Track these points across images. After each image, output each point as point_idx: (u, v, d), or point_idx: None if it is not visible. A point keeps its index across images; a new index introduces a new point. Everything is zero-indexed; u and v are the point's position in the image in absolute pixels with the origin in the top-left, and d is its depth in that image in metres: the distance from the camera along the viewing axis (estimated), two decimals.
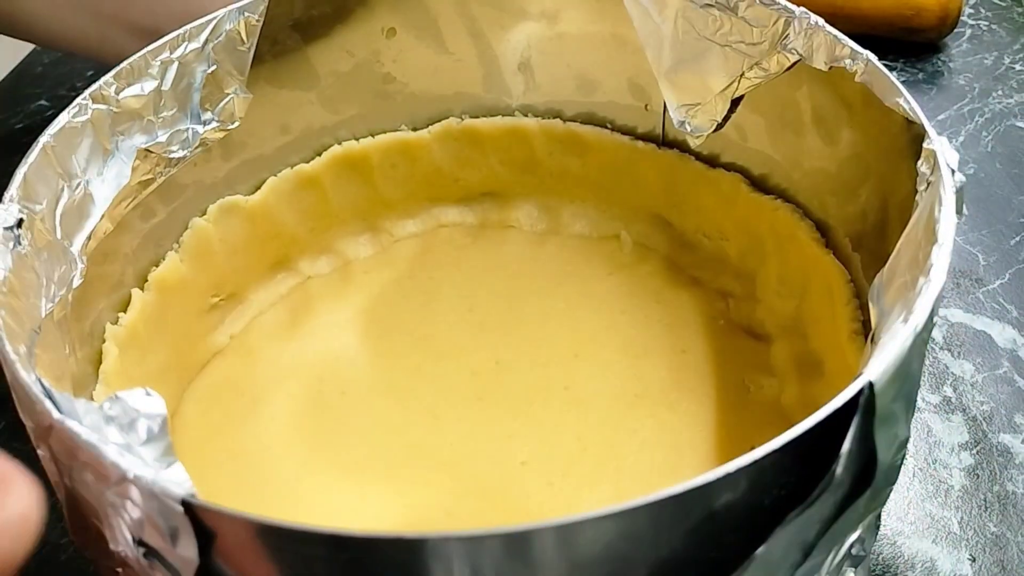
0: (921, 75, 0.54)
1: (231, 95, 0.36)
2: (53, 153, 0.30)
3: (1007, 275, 0.42)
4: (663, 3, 0.36)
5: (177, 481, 0.21)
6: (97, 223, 0.31)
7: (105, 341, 0.33)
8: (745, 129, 0.38)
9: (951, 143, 0.27)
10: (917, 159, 0.28)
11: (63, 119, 0.31)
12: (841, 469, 0.21)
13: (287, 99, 0.39)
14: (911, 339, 0.22)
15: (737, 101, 0.37)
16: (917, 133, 0.28)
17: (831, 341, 0.34)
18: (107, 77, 0.32)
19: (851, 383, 0.21)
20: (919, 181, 0.27)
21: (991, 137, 0.49)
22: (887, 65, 0.30)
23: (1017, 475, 0.33)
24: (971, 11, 0.59)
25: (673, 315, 0.39)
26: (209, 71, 0.35)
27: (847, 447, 0.21)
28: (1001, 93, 0.52)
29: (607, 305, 0.40)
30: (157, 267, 0.36)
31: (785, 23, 0.33)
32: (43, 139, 0.30)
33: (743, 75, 0.35)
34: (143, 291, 0.35)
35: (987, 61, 0.54)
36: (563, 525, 0.19)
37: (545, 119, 0.42)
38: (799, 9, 0.33)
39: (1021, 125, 0.49)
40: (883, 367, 0.21)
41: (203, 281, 0.38)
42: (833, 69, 0.32)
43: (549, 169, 0.43)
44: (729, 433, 0.35)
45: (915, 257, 0.26)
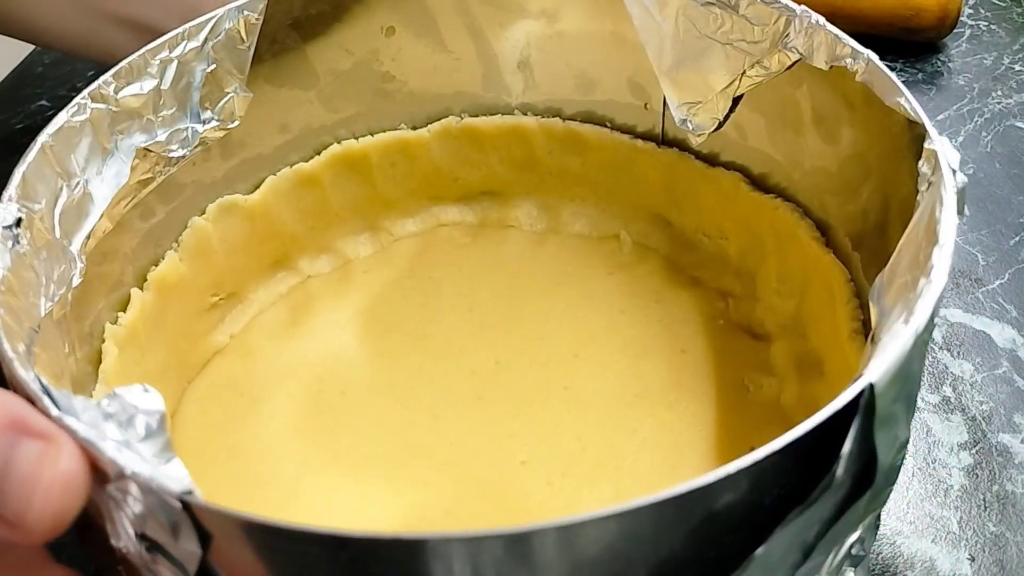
0: (920, 75, 0.54)
1: (231, 94, 0.36)
2: (52, 152, 0.30)
3: (1006, 275, 0.42)
4: (664, 1, 0.36)
5: (176, 477, 0.21)
6: (96, 222, 0.31)
7: (104, 341, 0.33)
8: (745, 128, 0.37)
9: (951, 143, 0.27)
10: (918, 159, 0.28)
11: (62, 118, 0.31)
12: (841, 470, 0.21)
13: (286, 98, 0.39)
14: (912, 340, 0.22)
15: (738, 99, 0.37)
16: (918, 133, 0.28)
17: (831, 340, 0.34)
18: (106, 76, 0.32)
19: (851, 384, 0.21)
20: (920, 181, 0.27)
21: (990, 137, 0.49)
22: (887, 65, 0.30)
23: (1016, 475, 0.33)
24: (971, 11, 0.59)
25: (673, 315, 0.39)
26: (209, 70, 0.35)
27: (847, 448, 0.21)
28: (1001, 93, 0.52)
29: (607, 305, 0.40)
30: (156, 266, 0.36)
31: (786, 22, 0.33)
32: (42, 138, 0.30)
33: (744, 73, 0.35)
34: (142, 291, 0.35)
35: (987, 61, 0.54)
36: (564, 526, 0.19)
37: (544, 118, 0.42)
38: (800, 8, 0.33)
39: (1021, 125, 0.49)
40: (884, 368, 0.21)
41: (203, 280, 0.38)
42: (834, 68, 0.32)
43: (549, 168, 0.43)
44: (729, 433, 0.34)
45: (916, 257, 0.26)
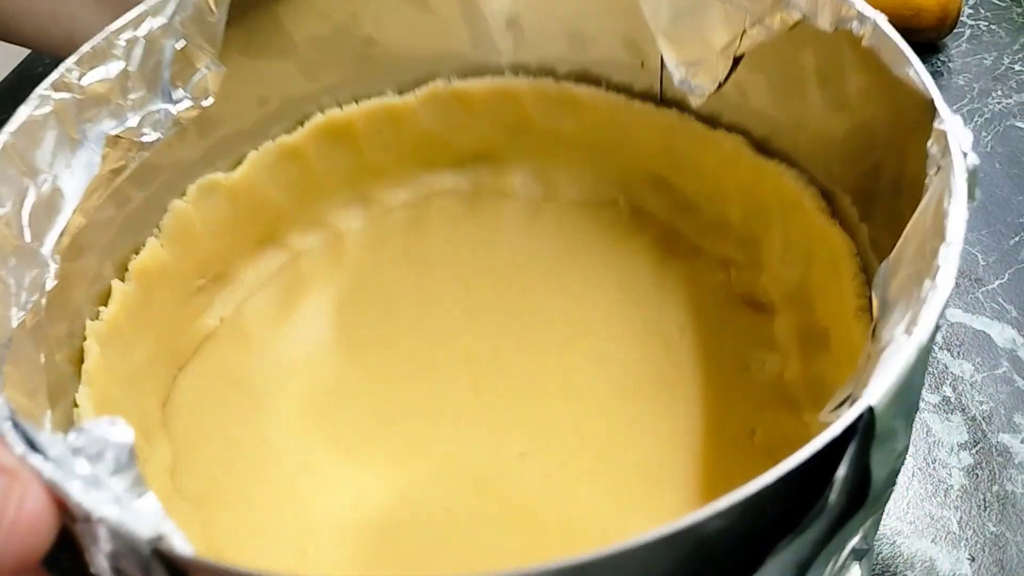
0: None
1: (203, 70, 0.34)
2: (15, 151, 0.29)
3: (1006, 275, 0.41)
4: None
5: (148, 514, 0.20)
6: (69, 219, 0.30)
7: (86, 339, 0.32)
8: (747, 88, 0.36)
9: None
10: (928, 137, 0.26)
11: (23, 113, 0.29)
12: (835, 495, 0.20)
13: (263, 69, 0.37)
14: (915, 355, 0.21)
15: (738, 60, 0.35)
16: (928, 107, 0.26)
17: (836, 315, 0.33)
18: (68, 63, 0.31)
19: (842, 403, 0.20)
20: (929, 163, 0.26)
21: (991, 137, 0.47)
22: None
23: (1016, 475, 0.33)
24: (970, 11, 0.57)
25: (673, 291, 0.37)
26: (178, 46, 0.33)
27: (842, 472, 0.20)
28: (1001, 93, 0.50)
29: (606, 282, 0.38)
30: (137, 255, 0.35)
31: None
32: (2, 137, 0.28)
33: (744, 32, 0.33)
34: (124, 282, 0.34)
35: (986, 61, 0.53)
36: (552, 570, 0.18)
37: (537, 78, 0.40)
38: None
39: (1021, 125, 0.48)
40: (884, 388, 0.20)
41: (187, 265, 0.37)
42: (839, 31, 0.30)
43: (542, 130, 0.41)
44: (730, 416, 0.34)
45: (922, 248, 0.24)
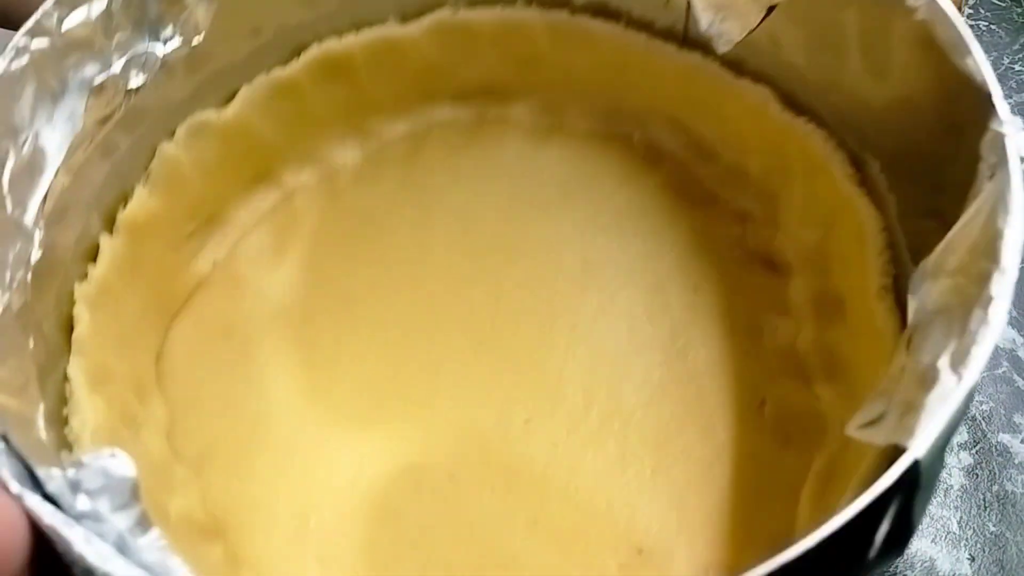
0: None
1: (191, 3, 0.32)
2: None
3: None
4: None
5: (154, 550, 0.20)
6: (53, 179, 0.28)
7: (75, 303, 0.30)
8: (780, 39, 0.33)
9: None
10: (981, 133, 0.24)
11: None
12: (874, 553, 0.19)
13: None
14: (963, 400, 0.20)
15: (771, 8, 0.32)
16: (983, 102, 0.25)
17: (856, 289, 0.32)
18: (46, 6, 0.28)
19: (892, 461, 0.19)
20: (981, 166, 0.24)
21: None
22: None
23: (1016, 475, 0.33)
24: (971, 11, 0.53)
25: (687, 241, 0.36)
26: None
27: (884, 529, 0.19)
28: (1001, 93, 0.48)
29: (617, 225, 0.37)
30: (125, 205, 0.33)
31: None
32: None
33: None
34: (111, 235, 0.32)
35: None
36: None
37: (550, 10, 0.37)
38: None
39: None
40: (932, 439, 0.19)
41: (177, 211, 0.35)
42: None
43: (553, 65, 0.38)
44: (741, 383, 0.33)
45: (968, 263, 0.23)
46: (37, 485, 0.20)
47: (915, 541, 0.32)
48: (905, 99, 0.29)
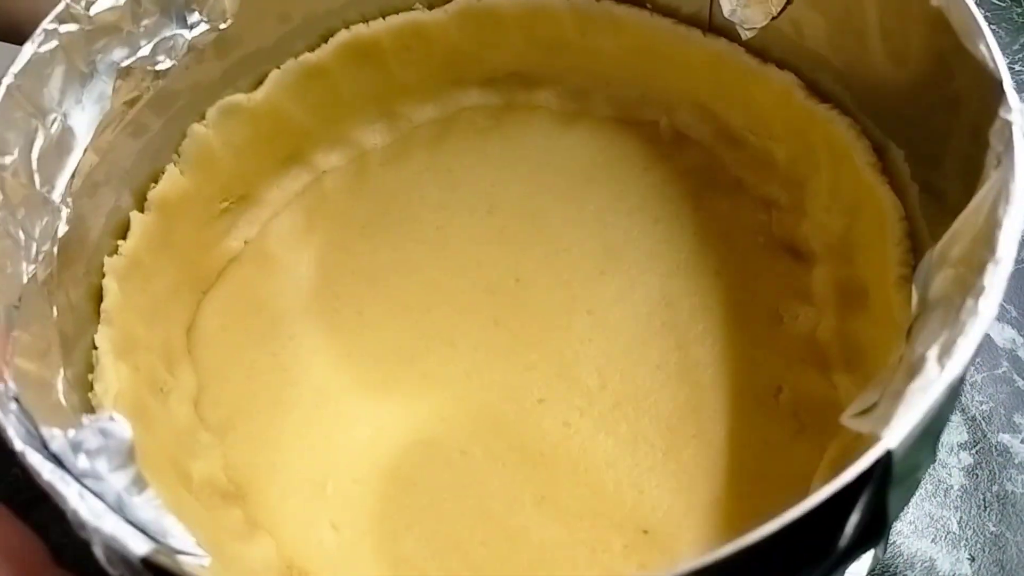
0: None
1: None
2: (20, 93, 0.28)
3: None
4: None
5: (145, 520, 0.21)
6: (81, 158, 0.29)
7: (104, 276, 0.32)
8: (802, 26, 0.33)
9: None
10: (989, 120, 0.24)
11: (28, 51, 0.28)
12: (845, 541, 0.19)
13: None
14: (945, 392, 0.19)
15: None
16: (995, 88, 0.24)
17: (877, 278, 0.31)
18: None
19: (865, 449, 0.19)
20: (989, 154, 0.23)
21: None
22: None
23: (1016, 475, 0.32)
24: None
25: (710, 227, 0.36)
26: None
27: (854, 519, 0.19)
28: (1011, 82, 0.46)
29: (640, 210, 0.37)
30: (156, 183, 0.34)
31: None
32: (6, 80, 0.27)
33: None
34: (143, 212, 0.34)
35: None
36: None
37: None
38: None
39: None
40: (907, 430, 0.19)
41: (209, 189, 0.36)
42: None
43: (580, 49, 0.38)
44: (757, 370, 0.33)
45: (969, 253, 0.23)
46: (44, 445, 0.21)
47: (915, 541, 0.31)
48: (923, 85, 0.29)
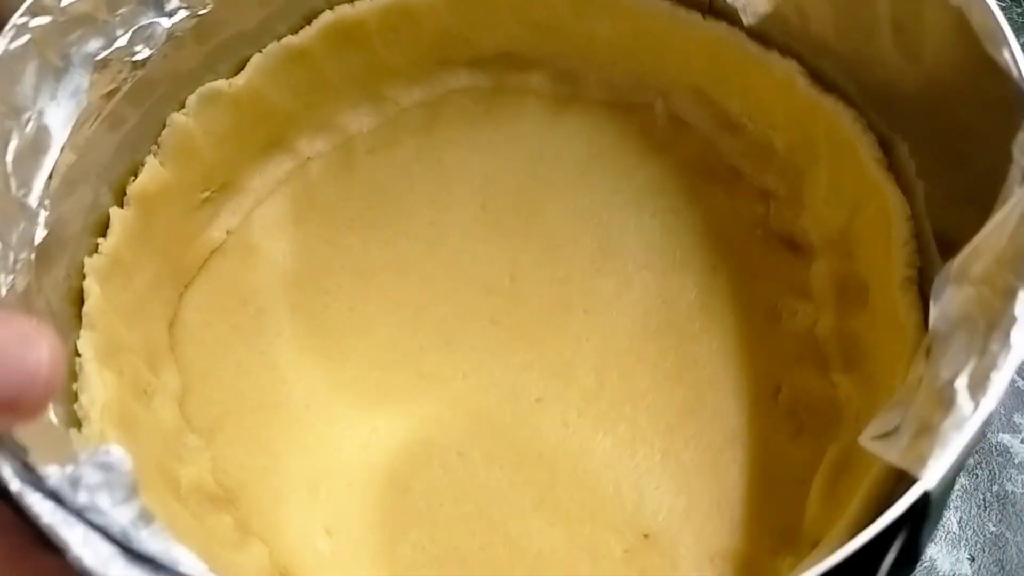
0: None
1: None
2: None
3: None
4: None
5: (157, 537, 0.20)
6: (58, 157, 0.28)
7: (85, 277, 0.30)
8: (808, 14, 0.32)
9: None
10: (1012, 130, 0.23)
11: None
12: None
13: None
14: (978, 430, 0.19)
15: None
16: (1019, 99, 0.23)
17: (879, 276, 0.31)
18: None
19: (902, 492, 0.18)
20: (1013, 168, 0.23)
21: None
22: None
23: (1016, 475, 0.33)
24: None
25: (707, 221, 0.35)
26: None
27: (890, 558, 0.19)
28: None
29: (635, 204, 0.36)
30: (135, 177, 0.32)
31: None
32: None
33: None
34: (122, 207, 0.32)
35: None
36: None
37: None
38: None
39: None
40: (944, 470, 0.19)
41: (189, 179, 0.34)
42: None
43: (574, 32, 0.37)
44: (756, 369, 0.32)
45: (993, 274, 0.22)
46: (40, 481, 0.20)
47: None
48: (938, 83, 0.28)
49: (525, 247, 0.35)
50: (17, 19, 0.26)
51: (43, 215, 0.27)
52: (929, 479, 0.18)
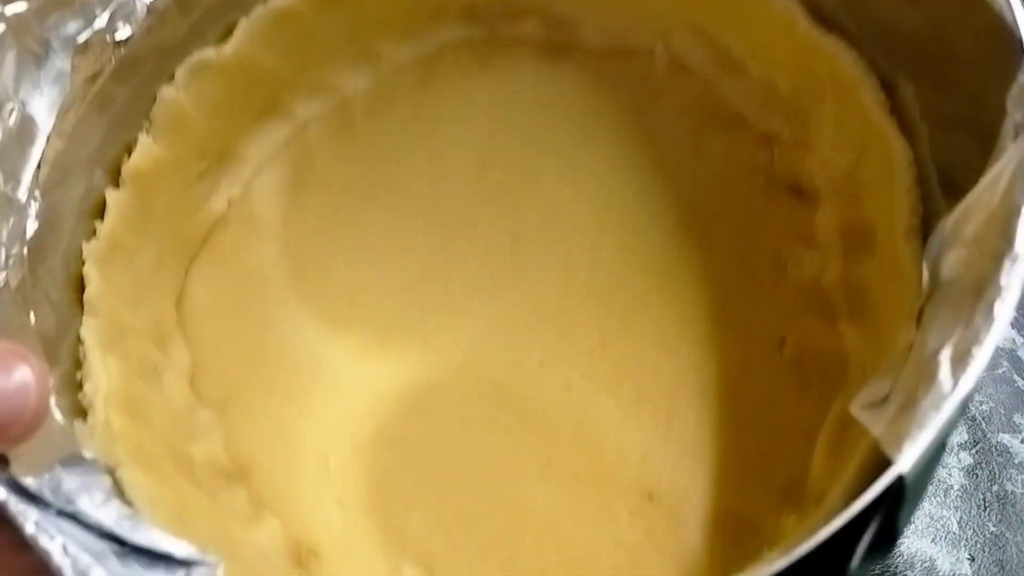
0: None
1: None
2: None
3: None
4: None
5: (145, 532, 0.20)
6: (45, 147, 0.28)
7: (84, 263, 0.30)
8: None
9: None
10: (1007, 81, 0.22)
11: None
12: (856, 562, 0.19)
13: None
14: (956, 409, 0.19)
15: None
16: (1014, 47, 0.22)
17: (884, 223, 0.30)
18: None
19: (877, 476, 0.18)
20: (1007, 122, 0.22)
21: None
22: None
23: (1016, 475, 0.32)
24: None
25: (709, 171, 0.34)
26: None
27: (866, 540, 0.19)
28: None
29: (636, 160, 0.35)
30: (129, 155, 0.32)
31: None
32: None
33: None
34: (118, 188, 0.32)
35: None
36: None
37: None
38: None
39: None
40: (919, 453, 0.18)
41: (184, 153, 0.34)
42: None
43: None
44: (760, 322, 0.32)
45: (983, 235, 0.22)
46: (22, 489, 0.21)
47: (915, 541, 0.32)
48: (937, 26, 0.27)
49: (525, 208, 0.35)
50: None
51: (34, 207, 0.27)
52: (903, 463, 0.18)
